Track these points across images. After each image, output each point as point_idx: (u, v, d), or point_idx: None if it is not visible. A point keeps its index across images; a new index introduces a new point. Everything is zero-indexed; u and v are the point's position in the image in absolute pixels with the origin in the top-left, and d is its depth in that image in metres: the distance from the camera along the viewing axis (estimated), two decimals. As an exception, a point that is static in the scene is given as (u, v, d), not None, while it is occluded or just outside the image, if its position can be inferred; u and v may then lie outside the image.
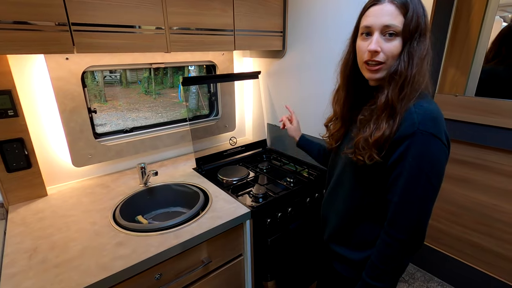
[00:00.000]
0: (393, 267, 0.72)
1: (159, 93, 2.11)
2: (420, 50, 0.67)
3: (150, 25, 1.06)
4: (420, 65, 0.67)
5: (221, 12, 1.24)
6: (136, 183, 1.35)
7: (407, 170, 0.66)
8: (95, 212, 1.11)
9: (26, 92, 1.15)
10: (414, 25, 0.65)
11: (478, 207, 1.66)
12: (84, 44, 0.94)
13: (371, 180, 0.76)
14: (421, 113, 0.66)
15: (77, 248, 0.91)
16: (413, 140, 0.65)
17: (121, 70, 1.61)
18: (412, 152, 0.65)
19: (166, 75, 2.25)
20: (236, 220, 1.08)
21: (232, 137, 1.71)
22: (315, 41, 1.37)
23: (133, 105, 1.64)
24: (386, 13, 0.67)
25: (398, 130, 0.67)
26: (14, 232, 0.99)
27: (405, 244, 0.70)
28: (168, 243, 0.93)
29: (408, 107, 0.67)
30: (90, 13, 0.93)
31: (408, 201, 0.68)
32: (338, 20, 1.25)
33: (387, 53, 0.68)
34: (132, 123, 1.54)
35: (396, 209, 0.70)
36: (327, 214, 0.92)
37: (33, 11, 0.84)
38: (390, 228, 0.71)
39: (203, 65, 1.73)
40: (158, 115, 1.76)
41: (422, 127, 0.64)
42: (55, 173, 1.29)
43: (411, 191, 0.67)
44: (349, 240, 0.85)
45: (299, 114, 1.56)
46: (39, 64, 1.15)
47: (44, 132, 1.23)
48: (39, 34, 0.86)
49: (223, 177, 1.42)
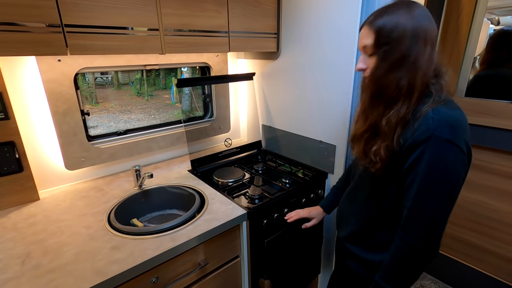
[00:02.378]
0: (405, 272, 0.73)
1: (151, 94, 2.09)
2: (390, 57, 0.69)
3: (144, 26, 1.05)
4: (390, 70, 0.70)
5: (216, 13, 1.24)
6: (130, 185, 1.33)
7: (420, 176, 0.67)
8: (89, 215, 1.10)
9: (17, 95, 1.13)
10: (383, 38, 0.70)
11: (469, 205, 1.69)
12: (78, 46, 0.93)
13: (388, 186, 0.77)
14: (438, 118, 0.66)
15: (71, 253, 0.89)
16: (427, 146, 0.65)
17: (113, 71, 1.59)
18: (426, 157, 0.66)
19: (159, 76, 2.23)
20: (233, 221, 1.08)
21: (227, 138, 1.71)
22: (308, 43, 1.39)
23: (125, 107, 1.62)
24: (363, 35, 0.74)
25: (413, 136, 0.67)
26: (6, 237, 0.97)
27: (417, 250, 0.70)
28: (165, 246, 0.92)
29: (424, 111, 0.68)
30: (84, 14, 0.92)
31: (419, 207, 0.69)
32: (331, 23, 1.26)
33: (371, 68, 0.74)
34: (124, 125, 1.52)
35: (409, 215, 0.71)
36: (346, 214, 0.95)
37: (25, 12, 0.82)
38: (402, 233, 0.73)
39: (196, 67, 1.72)
40: (150, 117, 1.74)
41: (437, 133, 0.64)
42: (47, 176, 1.27)
43: (423, 197, 0.68)
44: (366, 242, 0.87)
45: (294, 115, 1.57)
46: (31, 66, 1.13)
47: (36, 135, 1.21)
48: (31, 36, 0.85)
49: (219, 179, 1.42)
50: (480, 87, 1.65)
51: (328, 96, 1.36)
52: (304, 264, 1.46)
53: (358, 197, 0.89)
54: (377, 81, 0.72)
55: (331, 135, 1.39)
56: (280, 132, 1.68)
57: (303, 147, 1.56)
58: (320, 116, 1.43)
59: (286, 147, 1.68)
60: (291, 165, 1.58)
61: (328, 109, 1.37)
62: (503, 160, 1.53)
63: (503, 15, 2.96)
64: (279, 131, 1.69)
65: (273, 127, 1.72)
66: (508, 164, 1.52)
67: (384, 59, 0.70)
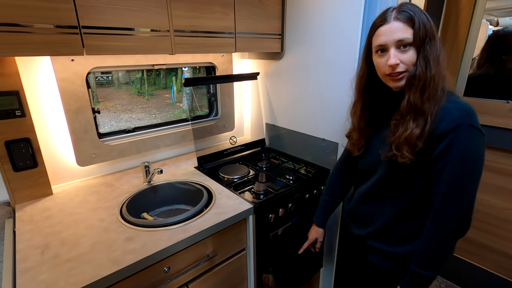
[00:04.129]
0: (443, 254, 0.77)
1: (152, 94, 2.11)
2: (433, 52, 0.73)
3: (156, 28, 1.09)
4: (436, 65, 0.74)
5: (223, 15, 1.28)
6: (139, 181, 1.38)
7: (453, 162, 0.72)
8: (102, 209, 1.14)
9: (32, 93, 1.17)
10: (423, 32, 0.73)
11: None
12: (94, 46, 0.97)
13: (415, 178, 0.81)
14: (459, 108, 0.72)
15: (87, 244, 0.94)
16: (456, 134, 0.70)
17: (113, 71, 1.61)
18: (456, 144, 0.71)
19: (159, 76, 2.25)
20: (240, 215, 1.13)
21: (232, 136, 1.75)
22: (312, 43, 1.43)
23: (126, 106, 1.64)
24: (396, 29, 0.74)
25: (438, 128, 0.72)
26: (24, 229, 1.01)
27: (454, 232, 0.75)
28: (176, 237, 0.97)
29: (441, 105, 0.74)
30: (99, 16, 0.96)
31: (457, 190, 0.73)
32: (334, 23, 1.31)
33: (406, 62, 0.75)
34: (125, 124, 1.54)
35: (446, 199, 0.74)
36: (365, 215, 0.96)
37: (44, 15, 0.87)
38: (439, 218, 0.76)
39: (196, 67, 1.75)
40: (151, 116, 1.76)
41: (463, 120, 0.70)
42: (60, 172, 1.31)
43: (459, 180, 0.72)
44: (390, 237, 0.89)
45: (297, 113, 1.61)
46: (45, 65, 1.18)
47: (49, 132, 1.25)
48: (50, 37, 0.89)
49: (225, 175, 1.46)
50: (475, 87, 1.70)
51: (330, 95, 1.40)
52: (307, 258, 1.51)
53: (381, 195, 0.90)
54: (430, 78, 0.73)
55: (334, 133, 1.44)
56: (284, 130, 1.73)
57: (306, 145, 1.61)
58: (323, 115, 1.47)
59: (289, 145, 1.72)
60: (294, 163, 1.63)
61: (331, 107, 1.42)
62: (499, 158, 1.58)
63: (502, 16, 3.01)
64: (283, 129, 1.73)
65: (277, 125, 1.77)
66: (503, 161, 1.57)
67: (430, 56, 0.73)
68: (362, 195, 0.97)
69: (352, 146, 0.97)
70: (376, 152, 0.88)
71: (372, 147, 0.92)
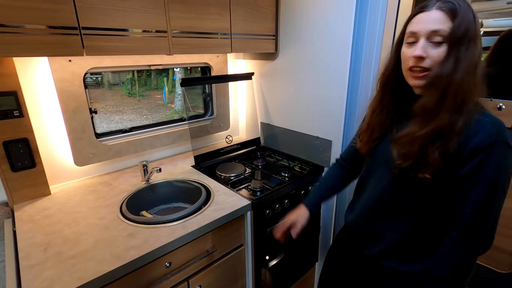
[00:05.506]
0: (464, 276, 0.72)
1: (142, 95, 2.10)
2: (469, 56, 0.64)
3: (154, 28, 1.11)
4: (469, 72, 0.65)
5: (219, 16, 1.31)
6: (137, 180, 1.39)
7: (484, 182, 0.65)
8: (101, 208, 1.15)
9: (30, 93, 1.17)
10: (463, 31, 0.64)
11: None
12: (93, 47, 0.99)
13: (434, 194, 0.73)
14: (494, 123, 0.66)
15: (89, 241, 0.96)
16: (491, 151, 0.64)
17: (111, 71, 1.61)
18: (490, 163, 0.65)
19: (150, 76, 2.25)
20: (238, 211, 1.16)
21: (228, 135, 1.78)
22: (305, 44, 1.47)
23: (116, 107, 1.62)
24: (434, 19, 0.66)
25: (470, 142, 0.65)
26: (24, 228, 1.02)
27: (477, 253, 0.70)
28: (177, 233, 0.99)
29: (474, 118, 0.66)
30: (99, 17, 0.98)
31: (484, 212, 0.67)
32: (327, 24, 1.35)
33: (434, 59, 0.67)
34: (116, 126, 1.53)
35: (471, 220, 0.68)
36: (374, 230, 0.87)
37: (45, 16, 0.88)
38: (463, 240, 0.70)
39: (188, 67, 1.77)
40: (143, 117, 1.75)
41: (499, 138, 0.64)
42: (57, 172, 1.32)
43: (488, 202, 0.67)
44: (402, 254, 0.82)
45: (291, 112, 1.65)
46: (43, 66, 1.18)
47: (47, 132, 1.25)
48: (50, 38, 0.90)
49: (221, 173, 1.49)
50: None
51: (324, 94, 1.45)
52: (303, 252, 1.55)
53: (392, 210, 0.81)
54: (454, 82, 0.65)
55: (327, 131, 1.48)
56: (278, 129, 1.77)
57: (300, 143, 1.65)
58: (317, 113, 1.52)
59: (284, 143, 1.76)
60: (289, 160, 1.66)
61: (324, 106, 1.46)
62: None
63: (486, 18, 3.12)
64: (277, 128, 1.77)
65: (271, 124, 1.80)
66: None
67: (464, 58, 0.64)
68: (367, 209, 0.88)
69: (364, 144, 0.88)
70: (383, 159, 0.82)
71: (380, 152, 0.84)
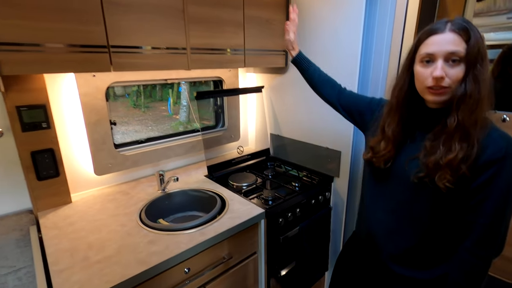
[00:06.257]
0: (479, 283, 0.76)
1: (148, 106, 2.15)
2: (484, 74, 0.69)
3: (174, 46, 1.19)
4: (485, 88, 0.69)
5: (233, 34, 1.39)
6: (153, 189, 1.44)
7: (498, 193, 0.70)
8: (121, 216, 1.20)
9: (56, 106, 1.25)
10: (476, 50, 0.68)
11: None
12: (120, 64, 1.06)
13: (449, 203, 0.77)
14: (504, 137, 0.70)
15: (113, 247, 1.00)
16: (503, 164, 0.68)
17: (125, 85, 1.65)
18: (503, 175, 0.69)
19: (155, 88, 2.31)
20: (253, 219, 1.20)
21: (239, 146, 1.84)
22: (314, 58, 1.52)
23: (122, 119, 1.64)
24: (449, 41, 0.70)
25: (483, 155, 0.69)
26: (50, 235, 1.07)
27: (491, 260, 0.75)
28: (196, 240, 1.04)
29: (486, 132, 0.70)
30: (126, 37, 1.06)
31: (498, 222, 0.72)
32: (335, 40, 1.43)
33: (452, 78, 0.70)
34: (122, 137, 1.57)
35: (486, 230, 0.72)
36: (393, 228, 0.88)
37: (81, 36, 0.96)
38: (478, 249, 0.74)
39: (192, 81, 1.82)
40: (148, 128, 1.79)
41: (510, 151, 0.69)
42: (78, 181, 1.37)
43: (501, 212, 0.71)
44: (415, 261, 0.85)
45: (301, 124, 1.71)
46: (69, 81, 1.26)
47: (70, 142, 1.32)
48: (82, 55, 0.98)
49: (234, 183, 1.54)
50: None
51: (333, 107, 1.50)
52: (314, 261, 1.58)
53: (409, 213, 0.83)
54: (480, 100, 0.69)
55: (336, 142, 1.54)
56: (288, 140, 1.82)
57: (309, 153, 1.70)
58: (325, 125, 1.57)
59: (294, 154, 1.81)
60: (298, 170, 1.71)
61: (333, 118, 1.51)
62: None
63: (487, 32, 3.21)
64: (287, 139, 1.83)
65: (281, 135, 1.86)
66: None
67: (481, 77, 0.69)
68: (386, 211, 0.90)
69: (379, 158, 0.87)
70: (399, 171, 0.84)
71: (397, 165, 0.85)
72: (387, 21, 1.32)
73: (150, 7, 1.09)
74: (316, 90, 1.21)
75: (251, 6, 1.42)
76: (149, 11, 1.09)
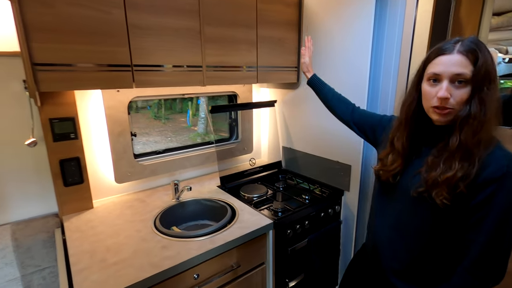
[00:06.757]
0: None
1: (168, 118, 2.23)
2: (491, 96, 0.69)
3: (191, 64, 1.28)
4: (493, 111, 0.70)
5: (247, 52, 1.47)
6: (168, 198, 1.52)
7: (497, 211, 0.69)
8: (138, 222, 1.28)
9: (83, 118, 1.36)
10: (483, 73, 0.68)
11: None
12: (141, 81, 1.16)
13: (445, 219, 0.77)
14: (506, 156, 0.71)
15: (129, 251, 1.07)
16: (503, 182, 0.68)
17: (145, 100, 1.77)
18: (503, 193, 0.68)
19: (175, 100, 2.41)
20: (261, 229, 1.24)
21: (252, 158, 1.90)
22: (325, 74, 1.58)
23: (143, 130, 1.71)
24: (456, 63, 0.70)
25: (483, 173, 0.70)
26: (73, 237, 1.16)
27: (489, 282, 0.72)
28: (206, 247, 1.09)
29: (490, 151, 0.71)
30: (148, 57, 1.16)
31: (497, 241, 0.70)
32: (345, 57, 1.47)
33: (456, 99, 0.72)
34: (143, 147, 1.64)
35: (484, 249, 0.71)
36: (391, 250, 0.90)
37: (107, 57, 1.07)
38: (474, 268, 0.73)
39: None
40: (167, 139, 1.86)
41: (510, 169, 0.68)
42: (99, 188, 1.47)
43: (501, 231, 0.70)
44: (416, 277, 0.85)
45: (312, 138, 1.75)
46: (95, 95, 1.38)
47: (93, 152, 1.43)
48: (108, 74, 1.09)
49: (245, 194, 1.59)
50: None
51: (343, 121, 1.54)
52: (323, 274, 1.58)
53: (410, 228, 0.85)
54: (485, 123, 0.70)
55: (347, 156, 1.56)
56: (299, 153, 1.86)
57: (320, 167, 1.72)
58: (337, 139, 1.60)
59: (305, 167, 1.84)
60: (309, 183, 1.74)
61: (344, 132, 1.54)
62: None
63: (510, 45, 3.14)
64: (298, 152, 1.86)
65: (293, 148, 1.90)
66: None
67: (488, 100, 0.69)
68: (388, 223, 0.92)
69: (387, 172, 0.89)
70: (405, 186, 0.85)
71: (403, 180, 0.87)
72: (395, 39, 1.36)
73: (169, 30, 1.19)
74: (331, 109, 1.26)
75: (264, 26, 1.51)
76: (169, 34, 1.19)
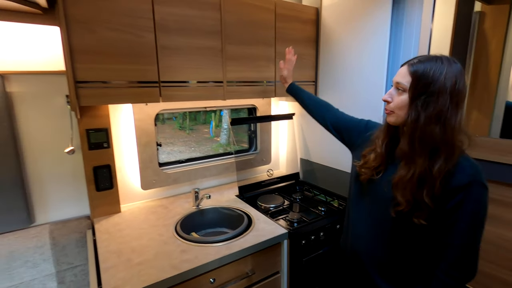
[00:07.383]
0: None
1: (192, 128, 2.33)
2: (429, 109, 0.74)
3: (213, 80, 1.38)
4: (433, 121, 0.74)
5: (265, 68, 1.55)
6: (189, 205, 1.60)
7: (468, 216, 0.75)
8: (160, 226, 1.36)
9: (115, 129, 1.49)
10: (422, 86, 0.75)
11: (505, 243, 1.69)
12: (168, 96, 1.27)
13: (420, 229, 0.81)
14: (472, 165, 0.76)
15: (151, 252, 1.15)
16: (470, 190, 0.74)
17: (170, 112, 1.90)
18: (471, 199, 0.75)
19: (199, 112, 2.52)
20: (276, 238, 1.28)
21: (269, 169, 1.95)
22: (342, 88, 1.63)
23: (168, 140, 1.78)
24: (399, 73, 0.81)
25: (451, 182, 0.75)
26: (102, 238, 1.26)
27: (465, 281, 0.79)
28: (222, 252, 1.14)
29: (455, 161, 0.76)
30: (174, 74, 1.27)
31: (470, 244, 0.77)
32: (362, 71, 1.51)
33: (395, 103, 0.82)
34: (167, 157, 1.70)
35: (459, 252, 0.78)
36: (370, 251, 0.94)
37: (138, 74, 1.19)
38: (453, 269, 0.78)
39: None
40: (191, 149, 1.93)
41: (477, 178, 0.75)
42: (127, 194, 1.59)
43: (472, 234, 0.76)
44: (396, 277, 0.90)
45: (330, 150, 1.77)
46: (126, 108, 1.51)
47: (123, 160, 1.55)
48: (139, 90, 1.20)
49: (262, 204, 1.64)
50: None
51: (360, 134, 1.56)
52: None
53: (386, 229, 0.90)
54: (418, 129, 0.76)
55: (363, 168, 1.56)
56: (317, 165, 1.89)
57: (338, 179, 1.74)
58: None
59: (322, 179, 1.86)
60: (326, 195, 1.75)
61: (360, 145, 1.56)
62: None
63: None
64: (316, 164, 1.89)
65: (310, 160, 1.93)
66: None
67: (422, 108, 0.75)
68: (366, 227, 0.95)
69: (367, 169, 0.92)
70: (381, 195, 0.89)
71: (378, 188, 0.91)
72: (411, 56, 1.38)
73: (194, 50, 1.30)
74: (309, 112, 1.38)
75: (283, 43, 1.58)
76: (193, 53, 1.30)
